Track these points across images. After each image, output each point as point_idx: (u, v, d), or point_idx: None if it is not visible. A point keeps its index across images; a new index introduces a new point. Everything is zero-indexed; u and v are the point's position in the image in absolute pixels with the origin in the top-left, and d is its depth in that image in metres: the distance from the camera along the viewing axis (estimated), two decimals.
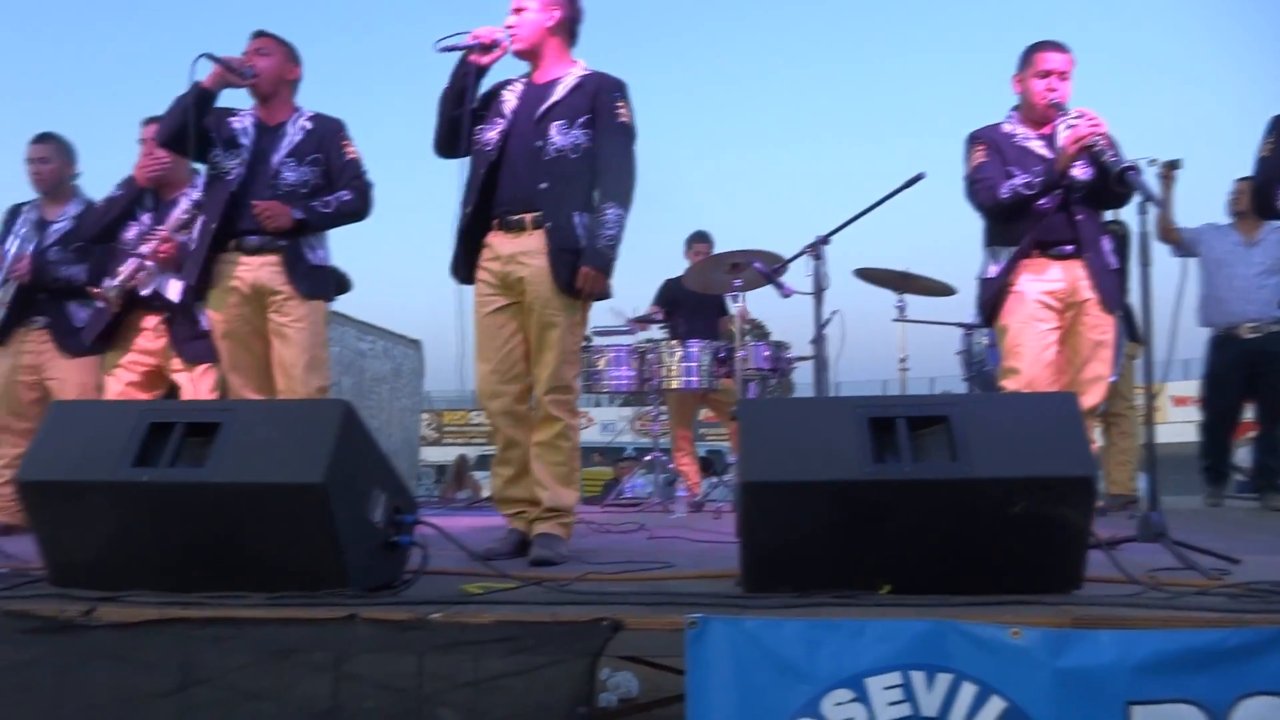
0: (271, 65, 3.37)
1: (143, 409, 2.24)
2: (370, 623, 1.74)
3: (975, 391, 5.16)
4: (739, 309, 4.85)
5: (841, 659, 1.58)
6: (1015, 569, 1.92)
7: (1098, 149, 3.11)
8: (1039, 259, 3.37)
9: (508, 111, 2.96)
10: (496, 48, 2.92)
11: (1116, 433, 5.25)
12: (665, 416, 6.00)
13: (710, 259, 5.17)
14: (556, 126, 2.89)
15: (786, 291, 4.42)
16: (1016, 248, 3.36)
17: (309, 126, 3.42)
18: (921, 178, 3.76)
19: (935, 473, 1.93)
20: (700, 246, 6.06)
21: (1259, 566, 2.34)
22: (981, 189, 3.38)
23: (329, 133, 3.43)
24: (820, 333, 3.87)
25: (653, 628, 1.70)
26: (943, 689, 1.55)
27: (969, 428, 1.95)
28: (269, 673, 1.72)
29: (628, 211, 2.90)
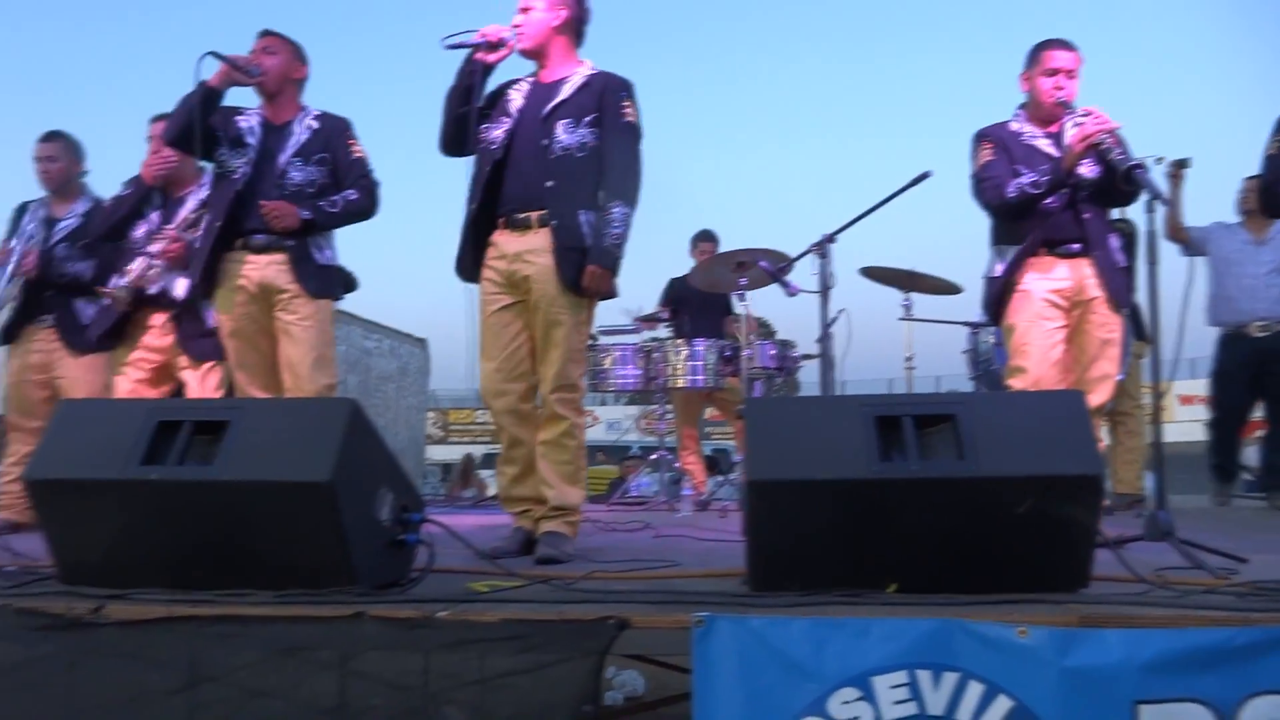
0: (278, 64, 3.38)
1: (150, 407, 2.25)
2: (377, 621, 1.74)
3: (982, 390, 5.16)
4: (745, 315, 4.85)
5: (848, 658, 1.58)
6: (1022, 568, 1.91)
7: (1105, 147, 3.11)
8: (1045, 257, 3.37)
9: (513, 110, 2.96)
10: (503, 46, 2.92)
11: (1123, 431, 5.23)
12: (671, 415, 6.01)
13: (716, 257, 5.17)
14: (563, 125, 2.89)
15: (792, 290, 4.42)
16: (1022, 246, 3.36)
17: (315, 126, 3.42)
18: (928, 176, 3.75)
19: (942, 471, 1.93)
20: (705, 245, 6.06)
21: (1266, 565, 2.33)
22: (988, 187, 3.38)
23: (335, 132, 3.43)
24: (826, 331, 3.86)
25: (659, 626, 1.70)
26: (949, 688, 1.55)
27: (976, 426, 1.95)
28: (276, 670, 1.73)
29: (634, 210, 2.89)
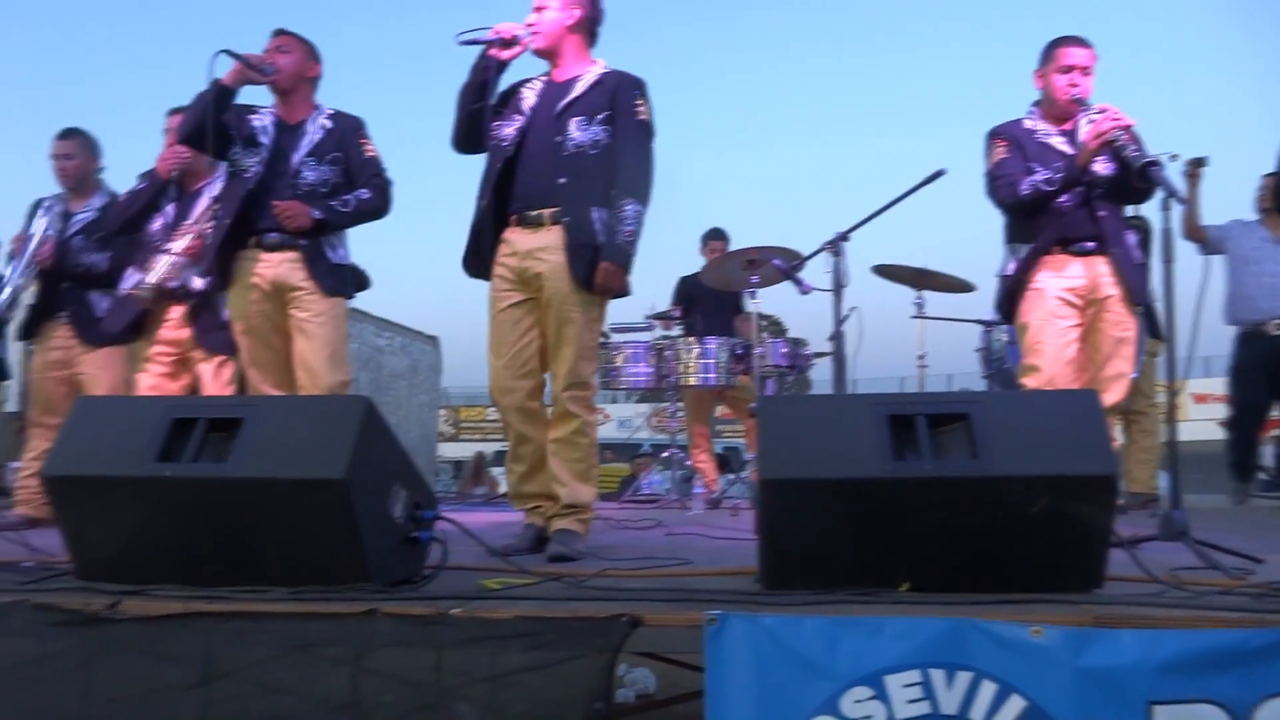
0: (292, 63, 3.39)
1: (166, 405, 2.27)
2: (390, 618, 1.75)
3: (995, 389, 5.14)
4: (752, 313, 4.85)
5: (861, 657, 1.57)
6: (1036, 567, 1.91)
7: (1120, 144, 3.09)
8: (1059, 255, 3.34)
9: (526, 108, 2.97)
10: (517, 43, 2.92)
11: (1137, 430, 5.20)
12: (682, 413, 6.00)
13: (728, 255, 5.16)
14: (576, 122, 2.89)
15: (805, 288, 4.41)
16: (1035, 244, 3.34)
17: (329, 125, 3.43)
18: (942, 174, 3.73)
19: (955, 470, 1.92)
20: (716, 244, 6.05)
21: None
22: (1002, 185, 3.36)
23: (348, 131, 3.45)
24: (839, 329, 3.85)
25: (671, 624, 1.70)
26: (962, 687, 1.55)
27: (989, 425, 1.94)
28: (290, 666, 1.74)
29: (646, 208, 2.89)
